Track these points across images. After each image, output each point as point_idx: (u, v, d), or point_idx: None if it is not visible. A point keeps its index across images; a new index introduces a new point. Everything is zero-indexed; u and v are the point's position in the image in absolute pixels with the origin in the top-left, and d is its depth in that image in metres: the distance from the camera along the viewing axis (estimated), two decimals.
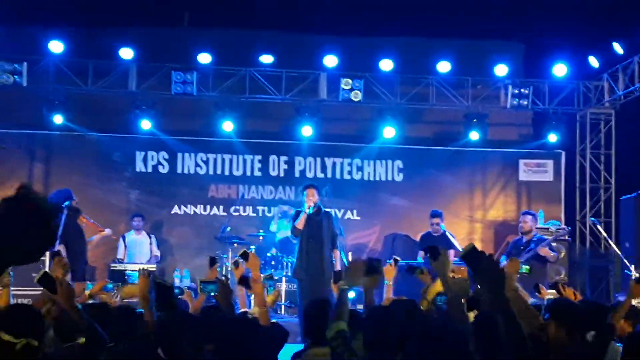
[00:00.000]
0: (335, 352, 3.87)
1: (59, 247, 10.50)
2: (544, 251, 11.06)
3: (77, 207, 11.04)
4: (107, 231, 11.68)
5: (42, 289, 4.70)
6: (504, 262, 11.50)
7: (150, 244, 13.08)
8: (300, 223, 10.15)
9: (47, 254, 10.29)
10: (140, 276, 5.22)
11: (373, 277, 4.74)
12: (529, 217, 11.79)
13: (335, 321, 4.00)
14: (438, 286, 5.29)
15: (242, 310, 6.13)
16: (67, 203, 10.77)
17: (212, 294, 5.25)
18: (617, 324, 5.40)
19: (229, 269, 12.52)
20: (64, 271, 5.23)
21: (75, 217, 10.97)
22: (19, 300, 9.88)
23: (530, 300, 6.57)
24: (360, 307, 9.19)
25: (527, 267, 6.94)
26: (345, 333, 3.97)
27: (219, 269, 12.70)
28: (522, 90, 14.09)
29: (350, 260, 11.61)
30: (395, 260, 6.73)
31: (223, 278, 5.32)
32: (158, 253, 13.24)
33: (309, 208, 10.17)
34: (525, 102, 14.13)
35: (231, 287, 5.29)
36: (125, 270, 11.84)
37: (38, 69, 13.41)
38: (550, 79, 14.41)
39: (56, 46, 13.36)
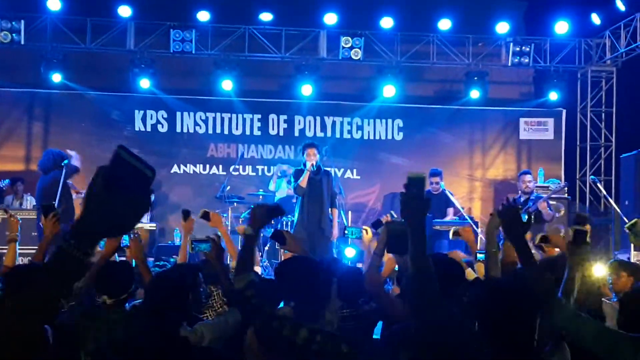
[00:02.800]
0: (249, 306, 3.63)
1: (64, 207, 10.60)
2: (542, 205, 11.09)
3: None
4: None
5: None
6: None
7: None
8: (303, 181, 10.16)
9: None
10: (212, 242, 5.14)
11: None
12: (530, 176, 11.80)
13: (243, 272, 3.75)
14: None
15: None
16: (66, 162, 10.76)
17: (205, 251, 5.21)
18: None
19: (228, 228, 12.59)
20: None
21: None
22: (21, 260, 9.94)
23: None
24: (360, 265, 9.24)
25: (526, 215, 6.88)
26: (254, 284, 3.73)
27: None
28: (523, 48, 14.01)
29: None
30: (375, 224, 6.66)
31: (214, 236, 5.28)
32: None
33: (311, 165, 10.17)
34: (527, 60, 14.07)
35: (223, 246, 5.27)
36: None
37: (36, 26, 13.32)
38: (551, 37, 14.32)
39: (54, 3, 13.26)
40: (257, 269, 6.32)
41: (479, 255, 5.64)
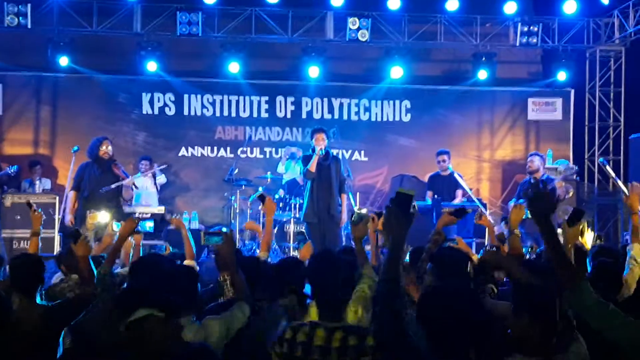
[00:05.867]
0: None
1: (70, 192, 10.56)
2: (559, 184, 11.08)
3: (101, 158, 10.75)
4: (126, 180, 11.33)
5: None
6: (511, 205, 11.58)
7: (154, 182, 13.04)
8: (312, 166, 10.15)
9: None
10: (224, 236, 5.08)
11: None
12: (537, 157, 11.77)
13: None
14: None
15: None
16: (74, 149, 10.72)
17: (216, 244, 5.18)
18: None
19: (236, 210, 12.63)
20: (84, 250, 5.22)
21: (101, 166, 10.71)
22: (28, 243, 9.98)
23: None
24: (368, 248, 9.23)
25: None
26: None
27: (226, 210, 12.87)
28: (531, 27, 13.95)
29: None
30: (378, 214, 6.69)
31: (227, 230, 5.26)
32: (163, 180, 13.33)
33: (320, 150, 10.16)
34: (535, 40, 14.00)
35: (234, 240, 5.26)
36: (133, 212, 11.85)
37: (42, 10, 13.29)
38: (559, 16, 14.22)
39: None
40: (265, 253, 6.32)
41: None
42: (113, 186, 10.47)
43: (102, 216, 6.95)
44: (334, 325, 3.68)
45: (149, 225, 6.05)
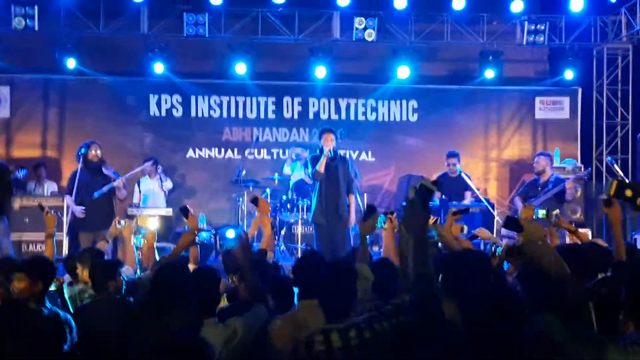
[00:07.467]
0: None
1: (66, 197, 10.72)
2: (569, 185, 11.09)
3: (90, 160, 10.89)
4: (117, 182, 11.27)
5: None
6: (517, 202, 11.58)
7: (161, 186, 12.97)
8: (321, 166, 10.15)
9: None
10: (239, 239, 5.11)
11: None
12: (542, 157, 11.78)
13: None
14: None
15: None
16: (82, 151, 10.78)
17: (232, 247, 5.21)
18: None
19: (244, 212, 12.63)
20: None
21: (92, 168, 10.86)
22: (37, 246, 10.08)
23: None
24: (376, 248, 9.23)
25: (544, 211, 6.89)
26: None
27: (234, 211, 12.87)
28: (538, 26, 13.89)
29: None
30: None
31: (242, 233, 5.31)
32: (169, 185, 13.17)
33: (329, 151, 10.15)
34: (542, 39, 13.94)
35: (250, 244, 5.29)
36: (141, 215, 11.85)
37: (49, 11, 13.30)
38: (566, 14, 14.18)
39: None
40: (271, 254, 6.35)
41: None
42: (105, 189, 10.65)
43: (151, 223, 6.96)
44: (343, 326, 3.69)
45: (205, 234, 6.07)
